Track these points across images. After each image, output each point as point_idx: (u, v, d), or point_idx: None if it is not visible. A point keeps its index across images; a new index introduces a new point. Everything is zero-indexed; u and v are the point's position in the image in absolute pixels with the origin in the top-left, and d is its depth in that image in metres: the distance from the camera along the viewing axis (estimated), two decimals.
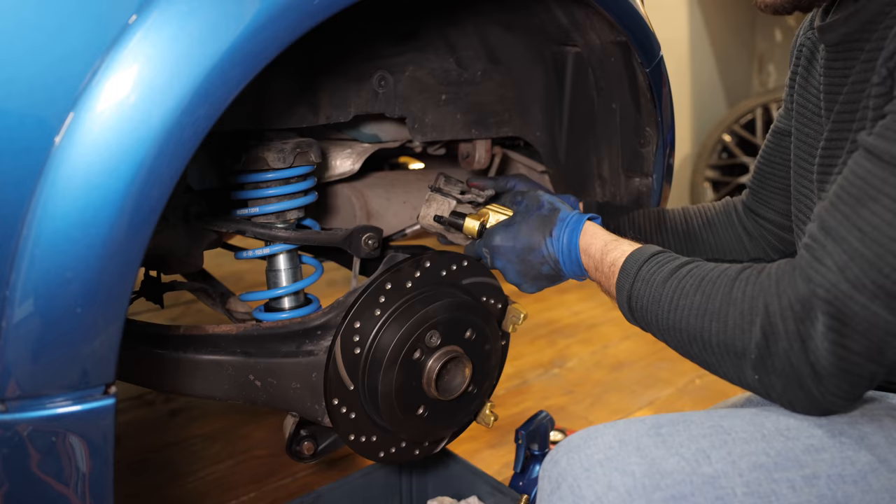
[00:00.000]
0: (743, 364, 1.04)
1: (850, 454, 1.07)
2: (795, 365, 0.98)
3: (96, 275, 0.86)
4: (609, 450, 1.05)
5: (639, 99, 1.54)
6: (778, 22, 5.82)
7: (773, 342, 1.00)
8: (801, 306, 0.98)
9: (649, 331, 1.22)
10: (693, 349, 1.11)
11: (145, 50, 0.85)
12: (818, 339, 0.96)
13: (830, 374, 0.96)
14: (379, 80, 1.48)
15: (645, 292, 1.18)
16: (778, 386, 1.02)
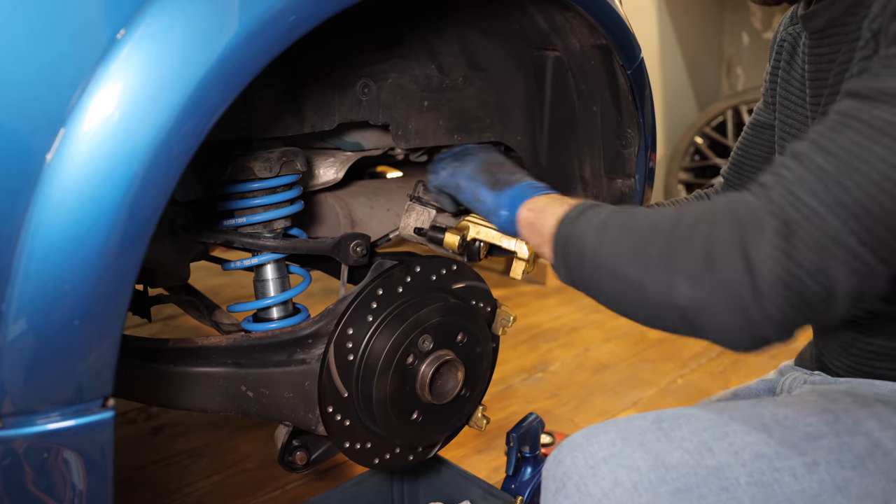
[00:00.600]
0: (679, 280, 0.96)
1: (846, 440, 1.09)
2: (735, 276, 0.92)
3: (93, 287, 0.86)
4: (613, 446, 1.05)
5: (620, 101, 1.55)
6: (745, 26, 5.88)
7: (715, 252, 0.94)
8: (751, 215, 0.94)
9: (576, 268, 1.13)
10: (631, 268, 1.03)
11: (134, 64, 0.85)
12: (763, 248, 0.90)
13: (771, 287, 0.90)
14: (362, 87, 1.48)
15: (591, 219, 1.12)
16: (713, 303, 0.94)
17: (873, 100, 0.92)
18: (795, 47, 1.40)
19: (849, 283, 0.89)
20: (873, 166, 0.88)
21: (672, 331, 1.02)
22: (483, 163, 1.38)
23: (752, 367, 3.28)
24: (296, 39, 0.96)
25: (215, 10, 0.90)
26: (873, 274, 0.90)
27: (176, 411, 2.77)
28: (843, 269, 0.89)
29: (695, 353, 3.44)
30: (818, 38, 1.25)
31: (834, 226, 0.89)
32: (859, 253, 0.88)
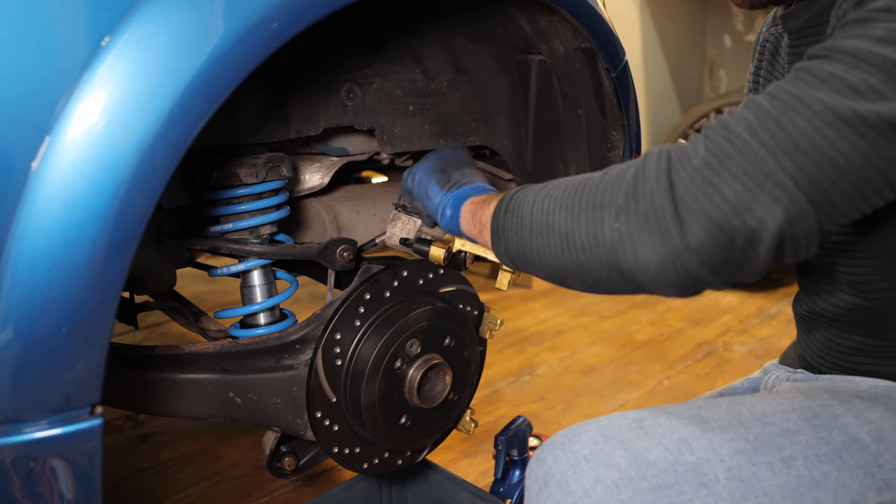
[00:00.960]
0: (604, 214, 0.98)
1: (824, 435, 1.11)
2: (658, 203, 0.93)
3: (81, 294, 0.85)
4: (594, 445, 1.07)
5: (604, 104, 1.56)
6: (727, 28, 5.91)
7: (640, 184, 0.95)
8: (682, 151, 0.95)
9: (514, 237, 1.14)
10: (560, 218, 1.04)
11: (119, 72, 0.85)
12: (689, 176, 0.92)
13: (693, 218, 0.90)
14: (347, 92, 1.48)
15: (527, 192, 1.14)
16: (636, 234, 0.94)
17: (825, 57, 0.95)
18: (777, 48, 1.42)
19: (776, 220, 0.89)
20: (811, 108, 0.90)
21: (602, 278, 1.02)
22: (441, 160, 1.40)
23: (737, 368, 3.30)
24: (279, 46, 0.96)
25: (199, 18, 0.90)
26: (804, 215, 0.90)
27: (163, 419, 2.76)
28: (770, 203, 0.89)
29: (681, 355, 3.46)
30: (797, 37, 1.27)
31: (765, 159, 0.89)
32: (789, 188, 0.89)
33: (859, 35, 0.93)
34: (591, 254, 1.00)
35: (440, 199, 1.32)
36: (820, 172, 0.89)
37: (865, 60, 0.91)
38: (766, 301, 4.25)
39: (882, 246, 1.18)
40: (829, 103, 0.89)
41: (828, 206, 0.90)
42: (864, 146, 0.89)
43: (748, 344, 3.60)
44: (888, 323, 1.23)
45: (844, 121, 0.89)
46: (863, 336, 1.27)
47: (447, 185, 1.33)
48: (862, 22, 0.95)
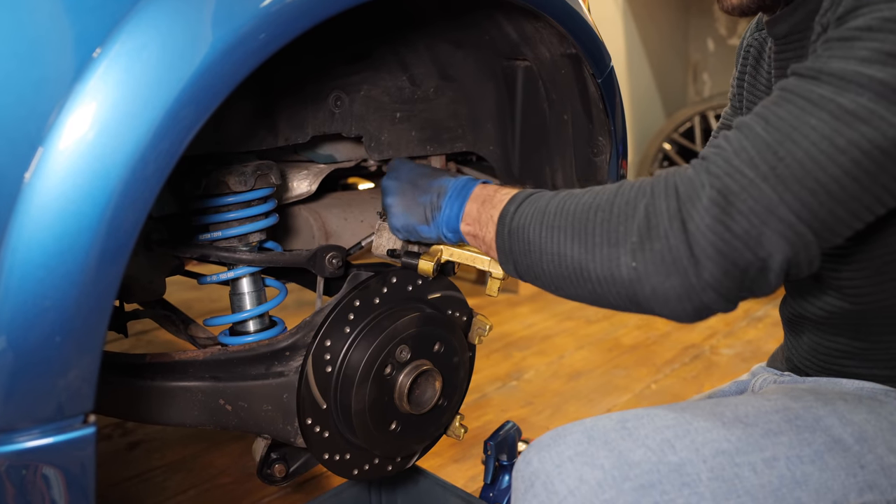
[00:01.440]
0: (620, 253, 1.01)
1: (806, 436, 1.13)
2: (673, 245, 0.96)
3: (74, 302, 0.85)
4: (578, 446, 1.09)
5: (590, 109, 1.57)
6: (710, 32, 5.94)
7: (653, 223, 0.98)
8: (688, 186, 0.98)
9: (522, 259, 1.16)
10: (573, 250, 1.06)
11: (110, 82, 0.85)
12: (699, 216, 0.95)
13: (708, 257, 0.94)
14: (335, 100, 1.49)
15: (529, 209, 1.15)
16: (654, 274, 0.98)
17: (813, 79, 0.97)
18: (761, 52, 1.44)
19: (783, 252, 0.94)
20: (807, 137, 0.93)
21: (618, 308, 1.06)
22: (401, 194, 1.37)
23: (724, 371, 3.32)
24: (269, 56, 0.97)
25: (189, 29, 0.90)
26: (807, 244, 0.94)
27: (151, 426, 2.76)
28: (776, 238, 0.93)
29: (668, 358, 3.47)
30: (782, 43, 1.29)
31: (769, 196, 0.93)
32: (793, 223, 0.93)
33: (844, 56, 0.96)
34: (608, 288, 1.04)
35: (433, 233, 1.32)
36: (819, 203, 0.93)
37: (852, 81, 0.93)
38: (753, 304, 4.27)
39: (869, 253, 1.20)
40: (824, 132, 0.93)
41: (827, 231, 0.95)
42: (859, 173, 0.92)
43: (735, 347, 3.62)
44: (874, 326, 1.25)
45: (839, 149, 0.92)
46: (849, 339, 1.29)
47: (426, 218, 1.32)
48: (845, 41, 0.97)
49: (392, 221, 1.37)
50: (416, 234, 1.35)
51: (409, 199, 1.35)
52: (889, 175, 0.93)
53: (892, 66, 0.92)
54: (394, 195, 1.38)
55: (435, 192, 1.31)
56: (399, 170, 1.41)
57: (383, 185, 1.41)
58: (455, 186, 1.30)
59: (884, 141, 0.91)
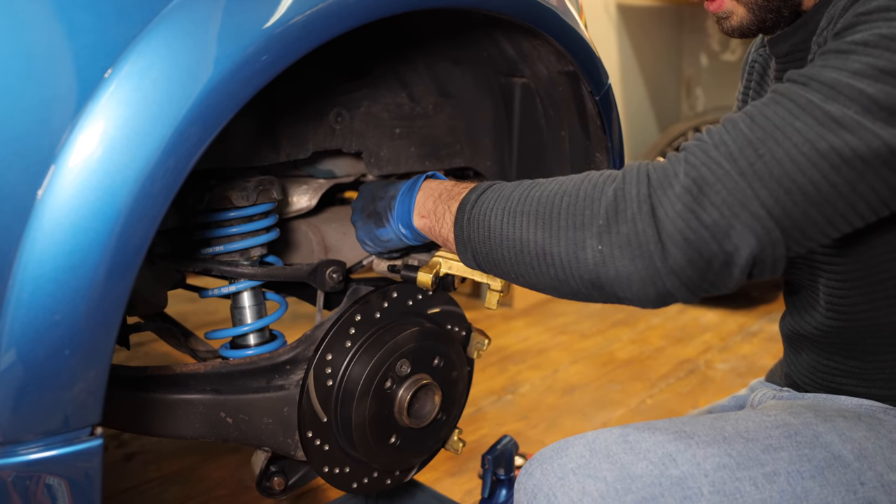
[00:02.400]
0: (586, 236, 1.01)
1: (806, 452, 1.14)
2: (641, 229, 0.97)
3: (84, 316, 0.87)
4: (581, 458, 1.10)
5: (588, 126, 1.59)
6: (703, 47, 5.98)
7: (622, 207, 0.99)
8: (661, 174, 0.99)
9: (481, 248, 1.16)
10: (536, 235, 1.06)
11: (122, 101, 0.87)
12: (669, 203, 0.96)
13: (674, 244, 0.95)
14: (336, 116, 1.50)
15: (492, 196, 1.15)
16: (619, 256, 0.99)
17: (804, 84, 0.99)
18: (766, 69, 1.46)
19: (749, 247, 0.94)
20: (789, 138, 0.94)
21: (579, 295, 1.07)
22: (362, 208, 1.41)
23: (719, 386, 3.33)
24: (274, 76, 0.99)
25: (196, 50, 0.92)
26: (774, 242, 0.95)
27: (147, 438, 2.76)
28: (745, 232, 0.94)
29: (663, 373, 3.49)
30: (784, 61, 1.32)
31: (743, 189, 0.94)
32: (763, 218, 0.94)
33: (837, 66, 0.98)
34: (572, 272, 1.04)
35: (392, 232, 1.34)
36: (793, 203, 0.94)
37: (842, 93, 0.95)
38: (747, 319, 4.29)
39: (864, 270, 1.21)
40: (807, 135, 0.94)
41: (797, 232, 0.96)
42: (837, 179, 0.93)
43: (730, 362, 3.63)
44: (870, 345, 1.26)
45: (820, 153, 0.93)
46: (846, 358, 1.30)
47: (382, 221, 1.34)
48: (840, 53, 0.99)
49: (358, 235, 1.40)
50: (377, 240, 1.37)
51: (369, 210, 1.37)
52: (867, 185, 0.94)
53: (882, 82, 0.94)
54: (357, 212, 1.42)
55: (389, 196, 1.33)
56: (363, 191, 1.45)
57: (352, 206, 1.44)
58: (406, 185, 1.31)
59: (866, 150, 0.93)
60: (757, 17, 1.26)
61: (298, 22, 0.99)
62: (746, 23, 1.28)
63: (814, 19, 1.24)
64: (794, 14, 1.27)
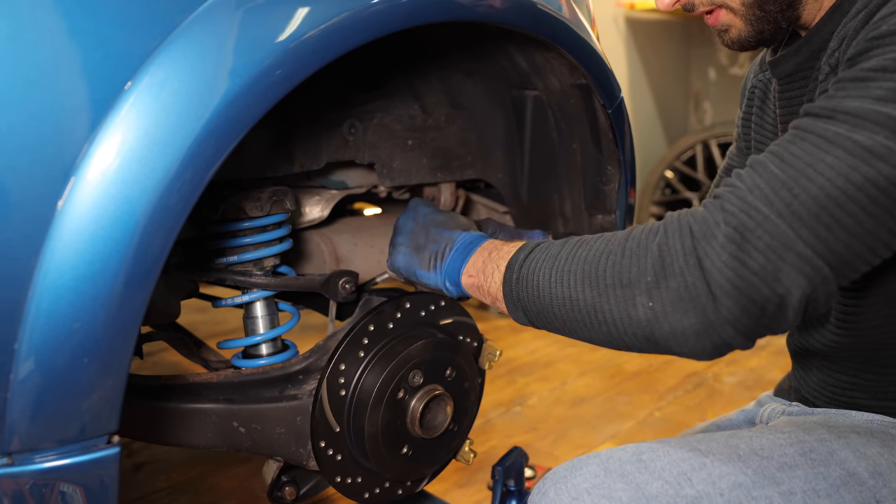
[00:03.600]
0: (635, 293, 1.00)
1: (821, 470, 1.13)
2: (690, 282, 0.96)
3: (103, 325, 0.88)
4: (595, 478, 1.09)
5: (600, 138, 1.59)
6: (711, 61, 5.99)
7: (668, 261, 0.98)
8: (702, 224, 0.98)
9: (531, 306, 1.15)
10: (585, 293, 1.06)
11: (142, 112, 0.88)
12: (715, 253, 0.95)
13: (725, 294, 0.94)
14: (349, 127, 1.51)
15: (539, 256, 1.14)
16: (671, 312, 0.98)
17: (828, 118, 0.98)
18: (767, 93, 1.46)
19: (801, 288, 0.94)
20: (822, 174, 0.94)
21: (635, 349, 1.06)
22: (411, 237, 1.38)
23: (727, 399, 3.32)
24: (289, 90, 1.00)
25: (215, 63, 0.93)
26: (825, 279, 0.94)
27: (156, 448, 2.77)
28: (794, 274, 0.93)
29: (671, 386, 3.48)
30: (787, 82, 1.31)
31: (785, 231, 0.93)
32: (809, 258, 0.93)
33: (859, 95, 0.97)
34: (625, 329, 1.03)
35: (435, 280, 1.32)
36: (835, 238, 0.93)
37: (869, 119, 0.94)
38: None
39: (882, 286, 1.21)
40: (839, 169, 0.93)
41: (844, 266, 0.95)
42: (876, 209, 0.93)
43: (738, 375, 3.62)
44: (884, 358, 1.26)
45: (856, 186, 0.92)
46: (858, 372, 1.30)
47: (430, 265, 1.32)
48: (858, 81, 0.98)
49: (396, 259, 1.38)
50: (416, 278, 1.35)
51: (418, 244, 1.35)
52: None
53: None
54: (405, 235, 1.38)
55: (444, 243, 1.31)
56: (416, 212, 1.41)
57: (398, 222, 1.41)
58: (463, 241, 1.29)
59: None
60: (755, 29, 1.25)
61: (313, 36, 1.00)
62: (745, 35, 1.27)
63: (817, 38, 1.23)
64: (792, 25, 1.27)
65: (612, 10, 5.29)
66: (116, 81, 0.87)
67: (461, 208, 1.92)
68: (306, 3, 1.00)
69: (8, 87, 0.83)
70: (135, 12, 0.89)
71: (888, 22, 1.01)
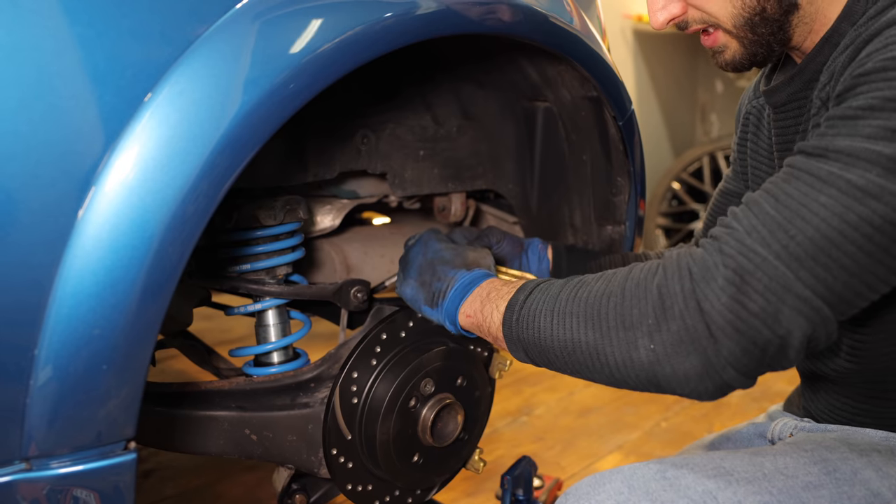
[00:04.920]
0: (637, 336, 1.00)
1: (846, 489, 1.12)
2: (690, 325, 0.96)
3: (122, 332, 0.89)
4: (619, 495, 1.08)
5: (610, 150, 1.60)
6: (718, 73, 6.00)
7: (668, 304, 0.99)
8: (701, 266, 0.99)
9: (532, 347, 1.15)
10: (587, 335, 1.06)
11: (162, 123, 0.89)
12: (715, 296, 0.95)
13: (726, 336, 0.95)
14: (362, 137, 1.53)
15: (539, 297, 1.15)
16: (673, 354, 0.98)
17: (820, 156, 0.99)
18: (760, 119, 1.47)
19: (801, 329, 0.95)
20: (817, 214, 0.95)
21: (637, 389, 1.06)
22: (420, 271, 1.37)
23: (735, 410, 3.32)
24: (304, 103, 1.01)
25: (233, 75, 0.94)
26: (824, 319, 0.95)
27: (164, 455, 2.78)
28: (794, 315, 0.94)
29: (677, 397, 3.47)
30: (782, 111, 1.32)
31: (784, 273, 0.94)
32: (809, 299, 0.94)
33: (849, 133, 0.98)
34: (627, 371, 1.03)
35: (437, 317, 1.31)
36: (833, 278, 0.94)
37: (860, 157, 0.95)
38: None
39: (890, 314, 1.21)
40: (834, 209, 0.94)
41: (843, 304, 0.96)
42: (872, 247, 0.94)
43: None
44: (890, 383, 1.26)
45: (851, 226, 0.93)
46: (867, 398, 1.30)
47: (433, 302, 1.31)
48: (848, 119, 0.99)
49: (404, 291, 1.37)
50: (421, 312, 1.34)
51: (424, 280, 1.34)
52: None
53: None
54: (414, 269, 1.38)
55: (446, 282, 1.30)
56: (426, 246, 1.40)
57: (410, 254, 1.41)
58: (462, 281, 1.29)
59: (895, 215, 0.93)
60: (749, 52, 1.25)
61: (327, 50, 1.01)
62: (739, 56, 1.27)
63: (809, 69, 1.24)
64: (783, 47, 1.27)
65: (619, 23, 5.30)
66: (137, 93, 0.88)
67: (471, 218, 1.93)
68: (320, 16, 1.01)
69: (34, 98, 0.84)
70: (155, 25, 0.90)
71: (873, 59, 1.01)
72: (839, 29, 1.18)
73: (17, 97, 0.83)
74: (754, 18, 1.20)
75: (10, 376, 0.87)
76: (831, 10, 1.19)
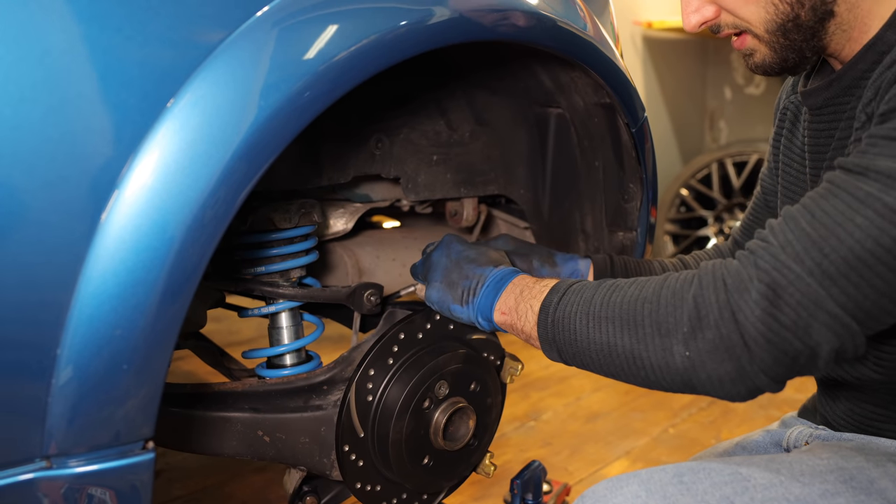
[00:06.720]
0: (672, 343, 1.04)
1: (862, 498, 1.12)
2: (725, 334, 1.00)
3: (142, 332, 0.90)
4: (636, 499, 1.09)
5: (622, 157, 1.61)
6: (727, 80, 6.00)
7: (703, 313, 1.02)
8: (736, 279, 1.01)
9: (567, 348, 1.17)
10: (623, 340, 1.09)
11: (185, 127, 0.90)
12: (749, 308, 0.99)
13: (759, 346, 0.98)
14: (376, 142, 1.53)
15: (573, 299, 1.16)
16: (708, 361, 1.02)
17: (860, 174, 1.00)
18: (798, 116, 1.46)
19: (830, 343, 0.98)
20: (852, 235, 0.96)
21: (672, 391, 1.09)
22: (444, 273, 1.38)
23: (742, 417, 3.32)
24: (323, 109, 1.02)
25: (256, 80, 0.95)
26: (853, 334, 0.98)
27: (173, 455, 2.79)
28: (824, 330, 0.97)
29: (685, 403, 3.48)
30: (817, 113, 1.32)
31: (816, 290, 0.97)
32: (839, 316, 0.97)
33: (891, 154, 0.99)
34: (663, 375, 1.07)
35: (468, 315, 1.32)
36: (864, 296, 0.96)
37: None
38: None
39: None
40: (869, 231, 0.96)
41: (872, 321, 0.99)
42: None
43: None
44: None
45: (885, 248, 0.95)
46: (887, 405, 1.31)
47: (463, 300, 1.32)
48: (891, 140, 1.00)
49: (430, 293, 1.38)
50: (449, 313, 1.35)
51: (451, 280, 1.35)
52: None
53: None
54: (439, 272, 1.38)
55: (475, 279, 1.31)
56: (449, 248, 1.41)
57: (432, 258, 1.42)
58: (494, 277, 1.30)
59: None
60: (779, 56, 1.25)
61: (344, 57, 1.02)
62: (769, 61, 1.27)
63: (848, 76, 1.24)
64: (818, 55, 1.27)
65: (629, 29, 5.31)
66: (161, 98, 0.90)
67: (482, 224, 1.94)
68: (338, 23, 1.02)
69: (63, 103, 0.85)
70: (180, 31, 0.92)
71: None
72: (884, 37, 1.18)
73: (47, 102, 0.84)
74: (787, 24, 1.21)
75: (32, 375, 0.88)
76: (872, 18, 1.19)
